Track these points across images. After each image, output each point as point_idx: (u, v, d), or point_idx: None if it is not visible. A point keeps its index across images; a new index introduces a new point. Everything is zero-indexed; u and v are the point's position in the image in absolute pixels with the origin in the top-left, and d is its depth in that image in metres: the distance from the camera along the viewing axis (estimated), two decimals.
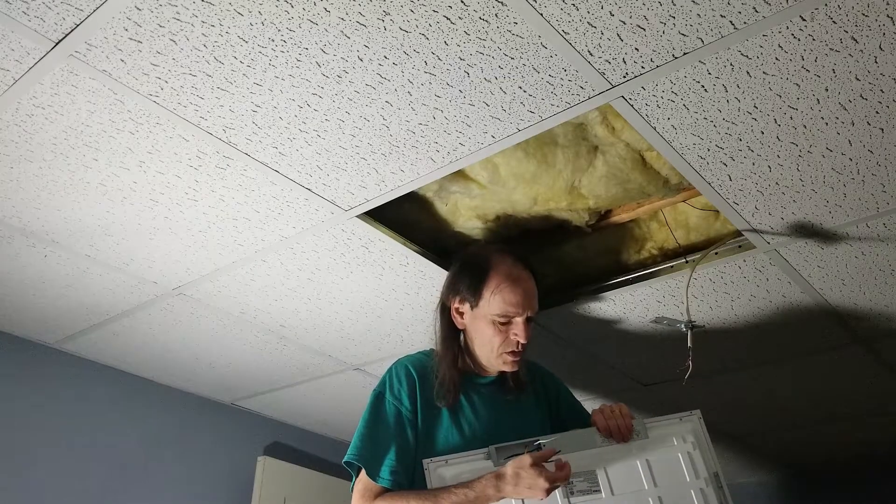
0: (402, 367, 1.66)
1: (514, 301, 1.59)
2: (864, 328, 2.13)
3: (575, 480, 1.46)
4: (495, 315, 1.59)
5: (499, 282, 1.61)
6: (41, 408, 2.41)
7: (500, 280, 1.61)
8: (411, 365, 1.67)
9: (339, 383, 2.70)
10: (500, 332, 1.60)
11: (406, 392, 1.61)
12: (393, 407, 1.60)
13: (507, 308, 1.59)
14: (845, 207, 1.64)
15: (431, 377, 1.64)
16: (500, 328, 1.60)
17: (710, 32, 1.21)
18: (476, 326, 1.64)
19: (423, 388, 1.62)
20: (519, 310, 1.59)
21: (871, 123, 1.39)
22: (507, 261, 1.64)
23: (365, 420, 1.61)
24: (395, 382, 1.63)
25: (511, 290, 1.60)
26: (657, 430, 1.53)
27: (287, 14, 1.20)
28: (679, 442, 1.52)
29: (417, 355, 1.72)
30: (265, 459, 2.89)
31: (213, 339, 2.36)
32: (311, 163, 1.56)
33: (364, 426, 1.60)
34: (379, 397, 1.63)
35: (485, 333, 1.62)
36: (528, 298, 1.61)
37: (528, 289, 1.63)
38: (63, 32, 1.24)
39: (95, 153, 1.54)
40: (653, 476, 1.48)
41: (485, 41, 1.25)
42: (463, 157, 1.55)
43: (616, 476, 1.47)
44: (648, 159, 1.68)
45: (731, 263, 1.88)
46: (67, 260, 1.94)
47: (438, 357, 1.66)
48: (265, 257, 1.92)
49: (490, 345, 1.62)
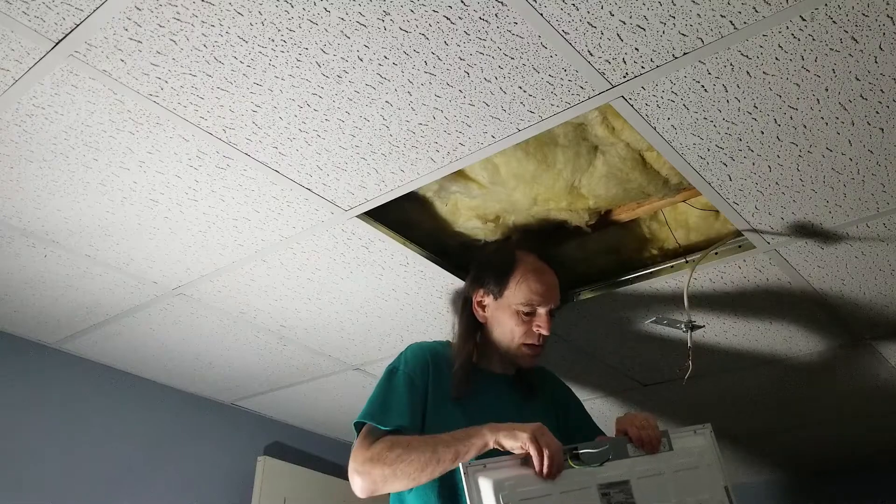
0: (418, 348, 1.68)
1: (540, 290, 1.64)
2: (865, 328, 2.13)
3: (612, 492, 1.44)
4: (520, 304, 1.63)
5: (525, 271, 1.66)
6: (41, 408, 2.41)
7: (526, 270, 1.66)
8: (426, 348, 1.68)
9: (338, 383, 2.70)
10: (523, 323, 1.63)
11: (419, 370, 1.62)
12: (406, 377, 1.59)
13: (532, 297, 1.63)
14: (845, 207, 1.64)
15: (443, 365, 1.65)
16: (523, 318, 1.64)
17: (710, 32, 1.21)
18: (498, 317, 1.66)
19: (435, 372, 1.63)
20: (543, 300, 1.64)
21: (872, 123, 1.39)
22: (532, 255, 1.71)
23: (377, 390, 1.60)
24: (409, 360, 1.64)
25: (537, 280, 1.65)
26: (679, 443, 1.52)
27: (287, 14, 1.20)
28: (698, 455, 1.51)
29: (432, 342, 1.73)
30: (265, 459, 2.89)
31: (213, 339, 2.36)
32: (311, 163, 1.56)
33: (375, 395, 1.59)
34: (393, 371, 1.63)
35: (507, 324, 1.64)
36: (551, 290, 1.67)
37: (551, 281, 1.68)
38: (63, 32, 1.24)
39: (95, 153, 1.54)
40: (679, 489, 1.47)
41: (485, 41, 1.25)
42: (463, 157, 1.55)
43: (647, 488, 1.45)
44: (648, 159, 1.68)
45: (731, 263, 1.88)
46: (67, 260, 1.94)
47: (456, 349, 1.68)
48: (265, 257, 1.92)
49: (511, 335, 1.64)
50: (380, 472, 1.42)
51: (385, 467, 1.42)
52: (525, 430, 1.36)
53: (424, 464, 1.40)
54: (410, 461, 1.40)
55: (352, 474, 1.47)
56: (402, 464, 1.41)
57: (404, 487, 1.46)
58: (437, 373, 1.63)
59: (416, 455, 1.40)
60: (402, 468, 1.41)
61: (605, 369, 2.46)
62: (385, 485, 1.44)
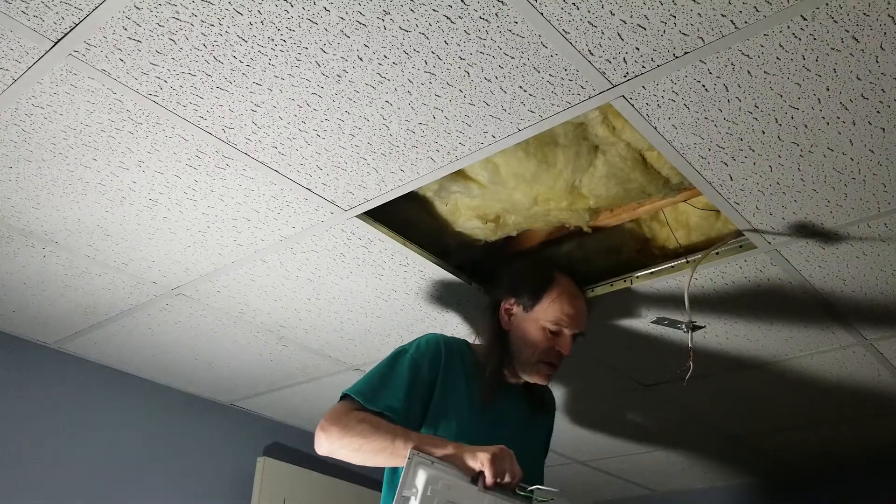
0: (433, 338, 1.69)
1: (571, 314, 1.69)
2: (865, 328, 2.12)
3: None
4: (550, 321, 1.68)
5: (561, 292, 1.71)
6: (41, 408, 2.41)
7: (562, 291, 1.72)
8: (443, 341, 1.68)
9: (338, 383, 2.70)
10: (547, 340, 1.68)
11: (429, 359, 1.62)
12: (413, 362, 1.59)
13: (563, 318, 1.68)
14: (846, 207, 1.64)
15: (458, 361, 1.66)
16: (548, 335, 1.68)
17: (710, 32, 1.20)
18: (524, 329, 1.69)
19: (447, 366, 1.63)
20: (572, 323, 1.69)
21: (873, 123, 1.39)
22: (569, 278, 1.77)
23: (378, 368, 1.59)
24: (422, 347, 1.64)
25: (570, 304, 1.71)
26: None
27: (286, 13, 1.20)
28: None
29: (451, 337, 1.74)
30: (265, 460, 2.88)
31: (213, 339, 2.36)
32: (310, 162, 1.56)
33: (374, 373, 1.58)
34: (401, 353, 1.63)
35: (532, 337, 1.67)
36: (581, 316, 1.73)
37: (583, 308, 1.75)
38: (62, 32, 1.24)
39: (94, 153, 1.54)
40: None
41: (485, 41, 1.24)
42: (463, 156, 1.55)
43: None
44: (649, 159, 1.68)
45: (732, 263, 1.87)
46: (66, 260, 1.93)
47: (485, 353, 1.70)
48: (265, 257, 1.92)
49: (532, 349, 1.67)
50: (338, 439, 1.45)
51: (346, 437, 1.44)
52: (487, 452, 1.38)
53: (380, 449, 1.42)
54: (370, 440, 1.42)
55: (318, 430, 1.49)
56: (362, 440, 1.43)
57: (358, 462, 1.48)
58: (450, 367, 1.63)
59: (378, 438, 1.42)
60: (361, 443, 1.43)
61: (606, 369, 2.46)
62: (340, 452, 1.47)
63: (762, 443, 3.06)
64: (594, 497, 3.85)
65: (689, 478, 3.48)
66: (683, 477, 3.47)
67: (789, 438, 3.00)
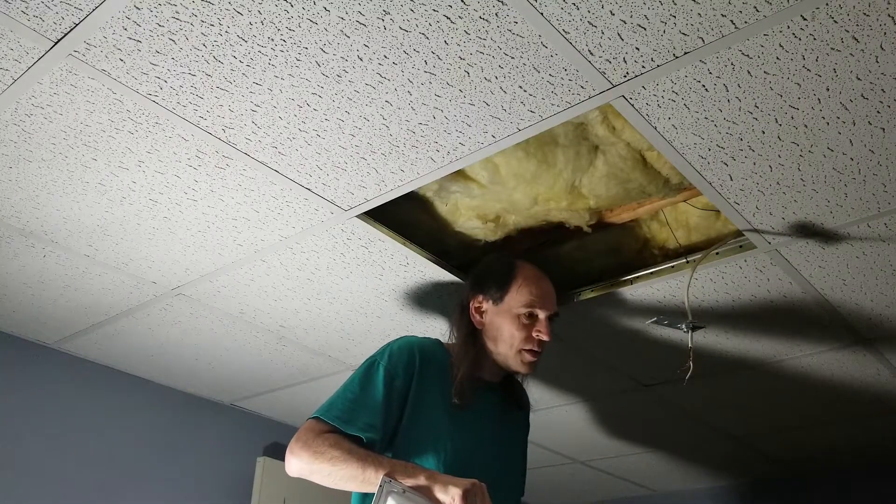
0: (405, 343, 1.66)
1: (541, 294, 1.67)
2: (866, 328, 2.12)
3: None
4: (522, 306, 1.65)
5: (525, 276, 1.70)
6: (40, 408, 2.41)
7: (526, 276, 1.70)
8: (416, 344, 1.66)
9: (338, 384, 2.69)
10: (524, 328, 1.65)
11: (403, 367, 1.59)
12: (387, 374, 1.57)
13: (534, 299, 1.66)
14: (846, 207, 1.64)
15: (432, 364, 1.63)
16: (523, 322, 1.65)
17: (710, 32, 1.20)
18: (498, 323, 1.67)
19: (421, 370, 1.61)
20: (544, 303, 1.67)
21: (873, 123, 1.39)
22: (530, 264, 1.76)
23: (350, 384, 1.57)
24: (394, 355, 1.61)
25: (537, 285, 1.69)
26: None
27: (286, 13, 1.20)
28: None
29: (422, 338, 1.71)
30: (265, 460, 2.88)
31: (213, 339, 2.36)
32: (310, 162, 1.56)
33: (346, 389, 1.56)
34: (373, 364, 1.60)
35: (507, 329, 1.65)
36: (550, 295, 1.71)
37: (550, 289, 1.73)
38: (62, 32, 1.24)
39: (94, 153, 1.54)
40: None
41: (485, 41, 1.24)
42: (463, 156, 1.55)
43: None
44: (649, 159, 1.68)
45: (732, 263, 1.87)
46: (66, 260, 1.93)
47: (458, 356, 1.67)
48: (265, 257, 1.92)
49: (511, 340, 1.65)
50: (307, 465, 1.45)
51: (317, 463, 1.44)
52: (459, 486, 1.35)
53: (351, 477, 1.41)
54: (341, 467, 1.42)
55: (288, 453, 1.49)
56: (332, 466, 1.42)
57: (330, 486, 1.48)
58: (424, 371, 1.61)
59: (349, 466, 1.41)
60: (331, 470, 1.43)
61: (606, 369, 2.46)
62: (312, 476, 1.48)
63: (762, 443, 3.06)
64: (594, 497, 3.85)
65: (689, 478, 3.48)
66: (683, 477, 3.47)
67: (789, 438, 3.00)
